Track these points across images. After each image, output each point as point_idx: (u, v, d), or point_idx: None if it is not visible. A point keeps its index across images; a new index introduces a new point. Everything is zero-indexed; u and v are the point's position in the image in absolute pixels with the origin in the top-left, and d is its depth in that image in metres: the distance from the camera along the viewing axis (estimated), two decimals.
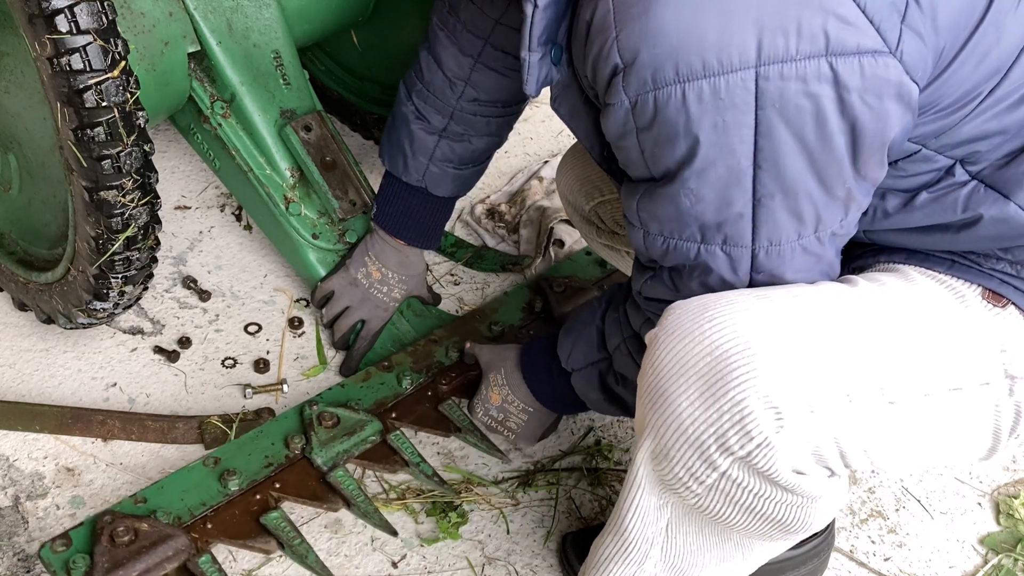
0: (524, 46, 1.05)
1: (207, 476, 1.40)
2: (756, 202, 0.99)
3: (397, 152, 1.60)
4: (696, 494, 1.06)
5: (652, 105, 0.96)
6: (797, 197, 0.98)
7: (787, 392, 0.96)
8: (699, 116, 0.94)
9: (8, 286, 1.67)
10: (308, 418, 1.48)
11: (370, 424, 1.49)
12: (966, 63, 0.96)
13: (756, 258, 1.03)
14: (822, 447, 1.00)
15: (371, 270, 1.70)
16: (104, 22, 1.15)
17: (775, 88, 0.91)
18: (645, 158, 1.03)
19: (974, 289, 1.07)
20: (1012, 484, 1.71)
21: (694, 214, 1.02)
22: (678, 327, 1.02)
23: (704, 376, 0.98)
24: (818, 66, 0.90)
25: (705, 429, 0.99)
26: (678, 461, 1.03)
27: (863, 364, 1.01)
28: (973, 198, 1.03)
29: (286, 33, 1.65)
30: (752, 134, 0.94)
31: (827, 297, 1.06)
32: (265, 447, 1.46)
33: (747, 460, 0.99)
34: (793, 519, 1.07)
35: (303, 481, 1.42)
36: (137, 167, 1.27)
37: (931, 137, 1.01)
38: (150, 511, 1.34)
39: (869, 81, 0.91)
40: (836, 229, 1.04)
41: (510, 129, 1.64)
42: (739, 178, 0.97)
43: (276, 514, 1.37)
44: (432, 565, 1.47)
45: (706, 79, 0.91)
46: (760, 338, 0.98)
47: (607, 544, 1.22)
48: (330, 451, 1.44)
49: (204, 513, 1.36)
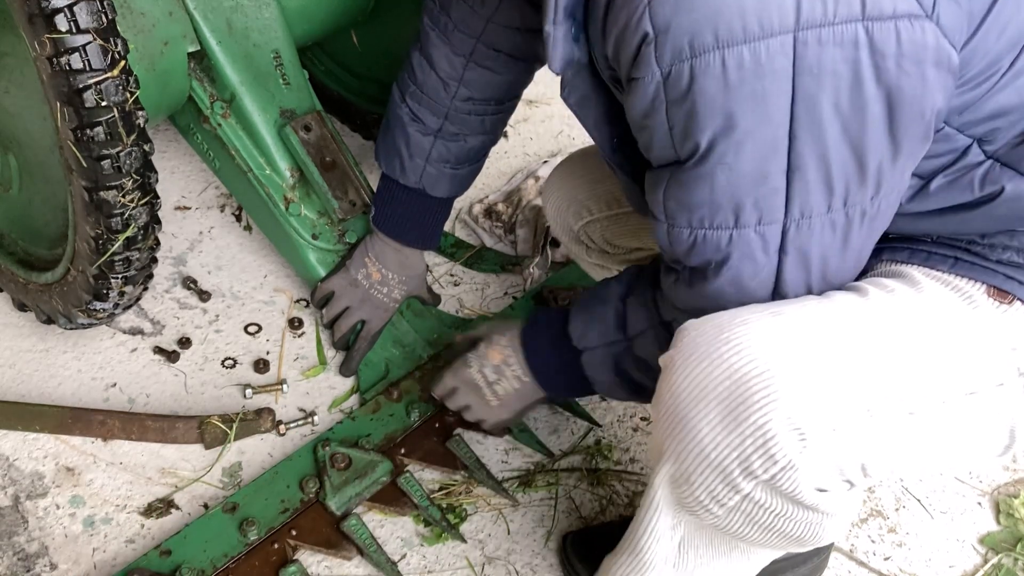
0: (548, 19, 1.02)
1: (227, 525, 1.44)
2: (791, 173, 0.96)
3: (393, 155, 1.59)
4: (716, 515, 1.05)
5: (688, 74, 0.92)
6: (830, 167, 0.96)
7: (809, 412, 0.95)
8: (739, 84, 0.91)
9: (8, 286, 1.67)
10: (322, 460, 1.52)
11: (380, 465, 1.53)
12: (990, 32, 0.94)
13: (787, 234, 1.00)
14: (845, 463, 1.00)
15: (371, 271, 1.70)
16: (104, 21, 1.15)
17: (813, 54, 0.89)
18: (673, 136, 0.99)
19: (979, 288, 1.07)
20: (1012, 484, 1.71)
21: (730, 191, 0.98)
22: (695, 350, 1.00)
23: (724, 400, 0.97)
24: (855, 31, 0.88)
25: (728, 454, 0.98)
26: (700, 485, 1.02)
27: (881, 377, 1.00)
28: (989, 176, 1.02)
29: (286, 33, 1.65)
30: (789, 102, 0.92)
31: (840, 311, 1.04)
32: (281, 490, 1.49)
33: (771, 483, 0.98)
34: (809, 534, 1.06)
35: (318, 528, 1.46)
36: (137, 167, 1.27)
37: (955, 114, 1.00)
38: (175, 566, 1.38)
39: (906, 46, 0.89)
40: (867, 207, 1.00)
41: (504, 126, 1.64)
42: (776, 148, 0.95)
43: (294, 568, 1.40)
44: (432, 565, 1.47)
45: (746, 44, 0.89)
46: (778, 359, 0.97)
47: (621, 564, 1.22)
48: (343, 496, 1.48)
49: (226, 565, 1.39)
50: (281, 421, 1.61)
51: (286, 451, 1.58)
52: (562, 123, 2.45)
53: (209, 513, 1.45)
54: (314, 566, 1.44)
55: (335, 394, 1.69)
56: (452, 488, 1.56)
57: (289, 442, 1.60)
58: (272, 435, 1.61)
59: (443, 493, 1.55)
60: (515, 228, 2.07)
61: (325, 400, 1.68)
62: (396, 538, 1.49)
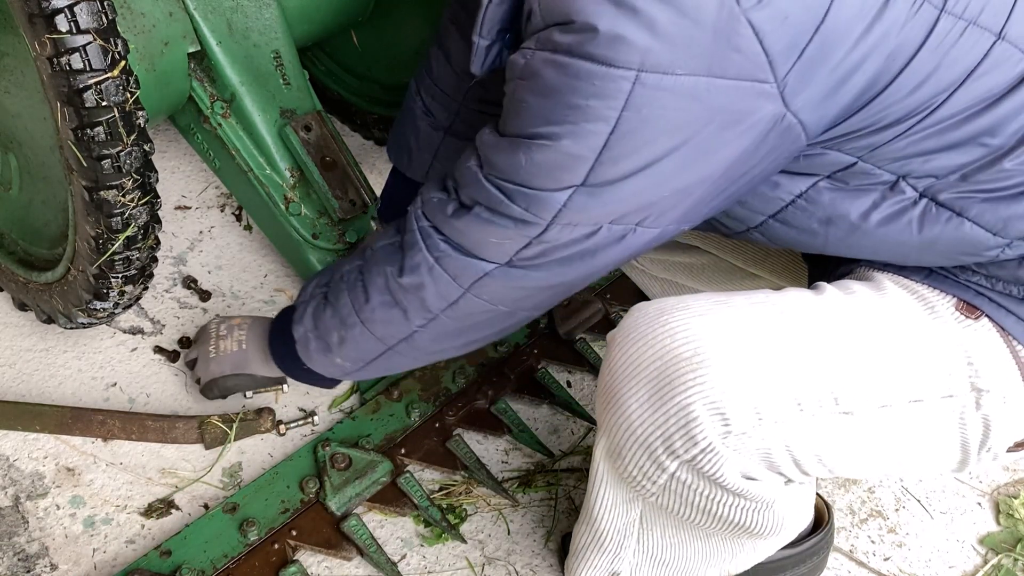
0: (476, 31, 1.07)
1: (227, 525, 1.44)
2: (580, 187, 0.99)
3: (403, 148, 1.60)
4: (652, 492, 1.09)
5: (541, 61, 0.96)
6: (619, 193, 0.99)
7: (735, 398, 0.98)
8: (569, 91, 0.94)
9: (8, 286, 1.67)
10: (322, 460, 1.52)
11: (381, 465, 1.53)
12: (899, 90, 0.96)
13: (547, 231, 1.04)
14: (773, 453, 1.02)
15: None
16: (104, 22, 1.15)
17: (648, 95, 0.91)
18: (508, 111, 1.03)
19: (948, 300, 1.08)
20: (1012, 484, 1.71)
21: (521, 174, 1.02)
22: (634, 330, 1.05)
23: (654, 379, 1.01)
24: (694, 84, 0.91)
25: (653, 432, 1.02)
26: (630, 460, 1.07)
27: (816, 373, 1.02)
28: (927, 218, 1.04)
29: (286, 33, 1.65)
30: (608, 130, 0.94)
31: (789, 304, 1.07)
32: (281, 491, 1.49)
33: (693, 464, 1.02)
34: (752, 522, 1.08)
35: (318, 528, 1.46)
36: (137, 167, 1.27)
37: (866, 151, 1.02)
38: (175, 566, 1.38)
39: (736, 105, 0.92)
40: (628, 231, 1.04)
41: None
42: (576, 163, 0.98)
43: (294, 568, 1.40)
44: (432, 565, 1.47)
45: (591, 62, 0.91)
46: (712, 343, 1.00)
47: (581, 534, 1.27)
48: (343, 496, 1.48)
49: (226, 566, 1.39)
50: (281, 421, 1.61)
51: (286, 451, 1.58)
52: None
53: (209, 513, 1.45)
54: (314, 566, 1.44)
55: (335, 394, 1.69)
56: (452, 488, 1.56)
57: (289, 442, 1.60)
58: (272, 435, 1.61)
59: (443, 493, 1.55)
60: None
61: (325, 400, 1.68)
62: (396, 538, 1.49)
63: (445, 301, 1.16)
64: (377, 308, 1.22)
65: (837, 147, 1.02)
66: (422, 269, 1.16)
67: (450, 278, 1.14)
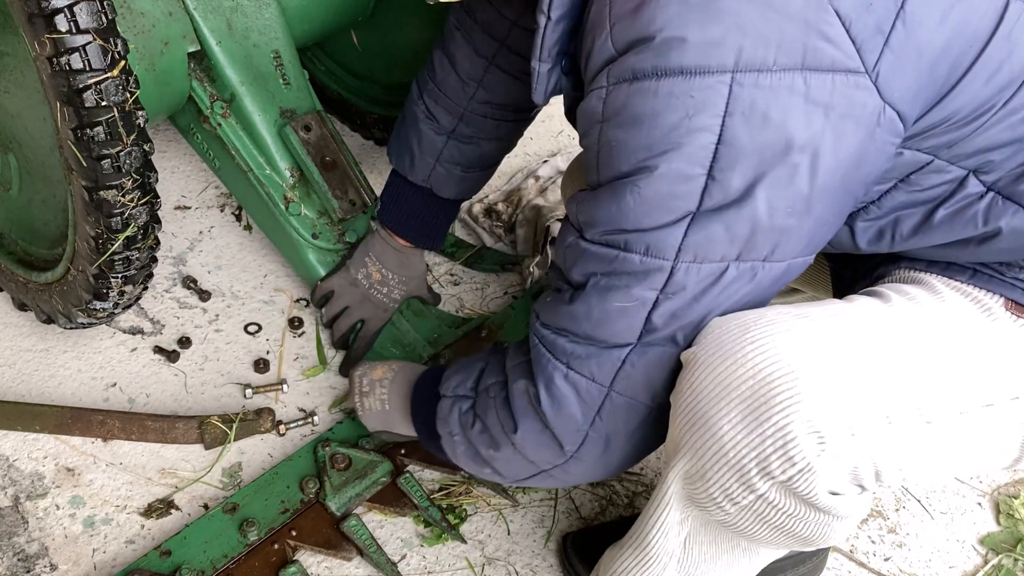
0: (535, 55, 1.05)
1: (227, 525, 1.44)
2: (697, 213, 0.96)
3: (404, 150, 1.59)
4: (727, 513, 1.05)
5: (624, 94, 0.94)
6: (740, 214, 0.95)
7: (830, 416, 0.95)
8: (666, 111, 0.92)
9: (8, 286, 1.67)
10: (321, 460, 1.52)
11: (380, 465, 1.53)
12: (976, 79, 0.95)
13: (673, 275, 0.99)
14: (860, 468, 1.00)
15: (371, 271, 1.70)
16: (104, 21, 1.15)
17: (747, 96, 0.90)
18: (600, 157, 1.00)
19: (997, 300, 1.07)
20: (1012, 484, 1.71)
21: (632, 216, 0.97)
22: (719, 348, 1.00)
23: (747, 399, 0.97)
24: (792, 79, 0.89)
25: (747, 454, 0.98)
26: (715, 483, 1.02)
27: (902, 385, 1.00)
28: (992, 211, 1.03)
29: (286, 33, 1.65)
30: (715, 140, 0.92)
31: (864, 316, 1.05)
32: (281, 491, 1.49)
33: (787, 484, 0.98)
34: (819, 535, 1.06)
35: (318, 528, 1.46)
36: (137, 167, 1.27)
37: (943, 148, 1.01)
38: (175, 566, 1.38)
39: (837, 99, 0.90)
40: (758, 268, 1.00)
41: (520, 135, 1.64)
42: (688, 184, 0.94)
43: (294, 569, 1.40)
44: (432, 565, 1.47)
45: (682, 76, 0.90)
46: (802, 361, 0.96)
47: (627, 557, 1.22)
48: (343, 496, 1.48)
49: (226, 566, 1.39)
50: (281, 421, 1.61)
51: (286, 451, 1.58)
52: (562, 123, 2.45)
53: (209, 514, 1.45)
54: (314, 567, 1.44)
55: (335, 394, 1.69)
56: (452, 488, 1.56)
57: (289, 442, 1.60)
58: (272, 435, 1.61)
59: (443, 493, 1.55)
60: (515, 227, 2.07)
61: (325, 400, 1.68)
62: (396, 539, 1.49)
63: (590, 409, 1.10)
64: (527, 434, 1.16)
65: (915, 146, 1.00)
66: (556, 381, 1.10)
67: (588, 380, 1.08)
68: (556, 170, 2.21)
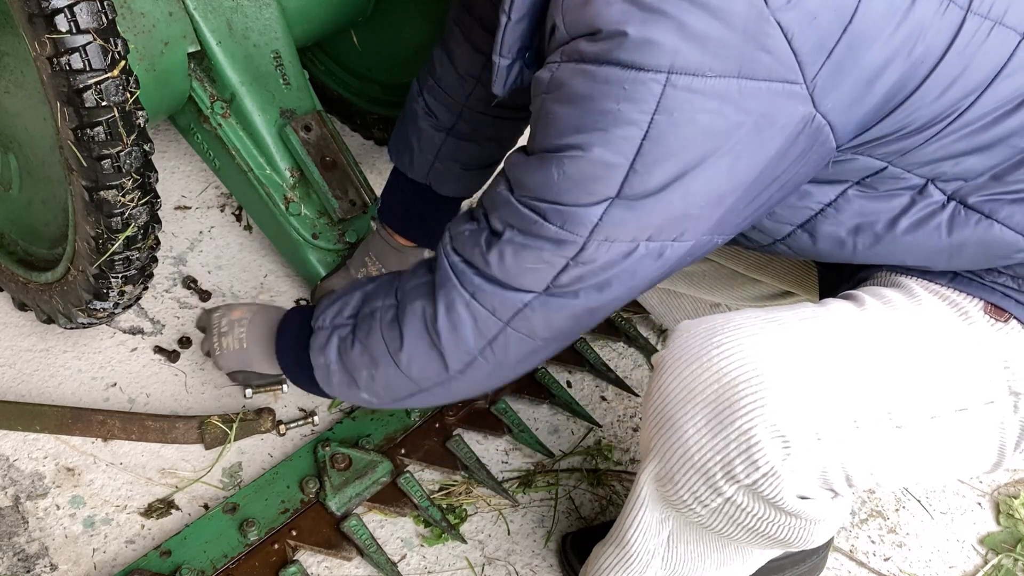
0: (496, 51, 1.06)
1: (227, 525, 1.44)
2: (615, 199, 0.98)
3: (404, 147, 1.60)
4: (700, 515, 1.06)
5: (568, 72, 0.95)
6: (655, 205, 0.97)
7: (795, 420, 0.96)
8: (600, 97, 0.93)
9: (8, 286, 1.67)
10: (321, 460, 1.52)
11: (380, 465, 1.53)
12: (928, 93, 0.95)
13: (584, 249, 1.01)
14: (828, 472, 1.00)
15: (371, 270, 1.70)
16: (104, 21, 1.15)
17: (679, 97, 0.91)
18: (536, 127, 1.01)
19: (976, 304, 1.07)
20: (1012, 484, 1.71)
21: (554, 190, 1.00)
22: (686, 351, 1.02)
23: (712, 404, 0.98)
24: (726, 86, 0.90)
25: (711, 457, 0.99)
26: (683, 485, 1.04)
27: (871, 389, 1.01)
28: (956, 221, 1.04)
29: (286, 33, 1.65)
30: (641, 135, 0.93)
31: (835, 320, 1.05)
32: (281, 491, 1.49)
33: (753, 488, 0.99)
34: (795, 538, 1.07)
35: (318, 528, 1.46)
36: (137, 167, 1.27)
37: (896, 155, 1.02)
38: (175, 566, 1.38)
39: (766, 107, 0.91)
40: (666, 245, 1.02)
41: (520, 134, 1.64)
42: (609, 172, 0.96)
43: (294, 569, 1.41)
44: (432, 565, 1.47)
45: (620, 67, 0.91)
46: (768, 365, 0.97)
47: (609, 555, 1.23)
48: (343, 496, 1.48)
49: (226, 566, 1.39)
50: (281, 421, 1.61)
51: (286, 451, 1.58)
52: None
53: (209, 514, 1.45)
54: (314, 567, 1.44)
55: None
56: (452, 488, 1.56)
57: (289, 442, 1.60)
58: (272, 435, 1.61)
59: (443, 493, 1.55)
60: None
61: (325, 400, 1.68)
62: (396, 538, 1.49)
63: (484, 339, 1.12)
64: (414, 352, 1.17)
65: (868, 152, 1.01)
66: (458, 306, 1.12)
67: (488, 312, 1.10)
68: None
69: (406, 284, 1.21)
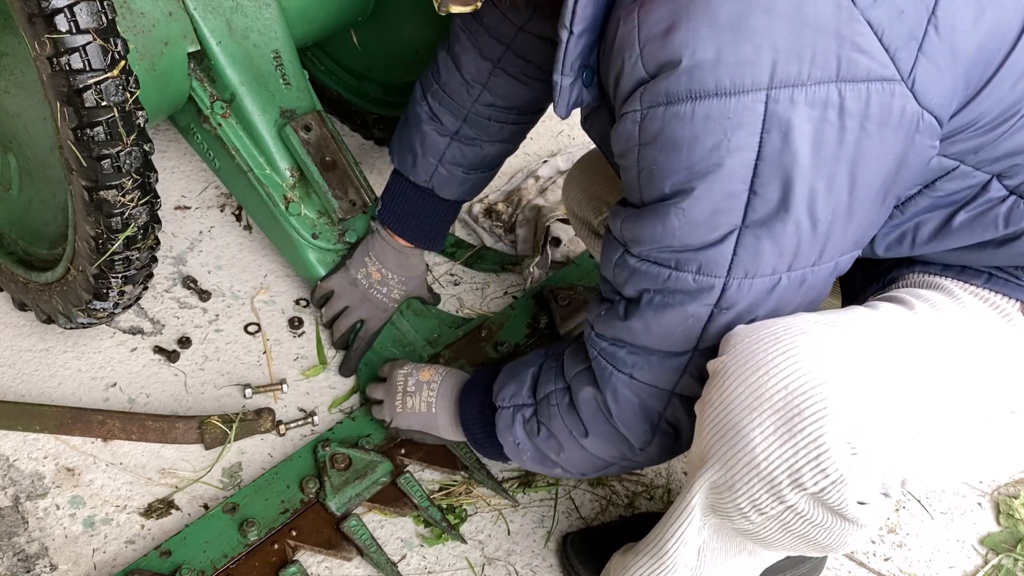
0: (557, 70, 1.05)
1: (227, 525, 1.44)
2: (743, 228, 0.97)
3: (407, 151, 1.60)
4: (752, 522, 1.04)
5: (660, 118, 0.95)
6: (785, 227, 0.96)
7: (861, 427, 0.95)
8: (705, 134, 0.92)
9: (8, 286, 1.67)
10: (321, 460, 1.52)
11: (380, 465, 1.53)
12: (1003, 83, 0.95)
13: (726, 291, 1.01)
14: (888, 477, 0.99)
15: (371, 271, 1.70)
16: (104, 21, 1.15)
17: (783, 111, 0.90)
18: (641, 179, 1.01)
19: (1014, 304, 1.07)
20: (1012, 484, 1.71)
21: (679, 235, 0.99)
22: (750, 357, 0.99)
23: (780, 411, 0.96)
24: (827, 92, 0.89)
25: (779, 465, 0.97)
26: (743, 494, 1.01)
27: (930, 394, 1.00)
28: (1013, 213, 1.03)
29: (286, 33, 1.65)
30: (754, 157, 0.92)
31: (891, 324, 1.05)
32: (281, 491, 1.50)
33: (818, 496, 0.98)
34: (840, 543, 1.06)
35: (318, 528, 1.46)
36: (137, 167, 1.27)
37: (970, 153, 1.01)
38: (175, 566, 1.38)
39: (873, 108, 0.90)
40: (808, 273, 1.01)
41: (523, 137, 1.64)
42: (731, 201, 0.95)
43: (294, 569, 1.40)
44: (432, 565, 1.47)
45: (717, 97, 0.91)
46: (833, 371, 0.96)
47: (642, 564, 1.21)
48: (343, 496, 1.48)
49: (226, 566, 1.39)
50: (281, 421, 1.61)
51: (286, 451, 1.58)
52: (562, 123, 2.45)
53: (209, 514, 1.45)
54: (314, 567, 1.44)
55: (335, 394, 1.69)
56: (452, 489, 1.56)
57: (289, 442, 1.60)
58: (272, 435, 1.61)
59: (443, 494, 1.55)
60: (515, 227, 2.07)
61: (325, 400, 1.68)
62: (396, 539, 1.49)
63: (657, 412, 1.12)
64: (597, 436, 1.20)
65: (942, 152, 1.00)
66: (621, 389, 1.12)
67: (651, 387, 1.10)
68: (556, 170, 2.21)
69: (570, 372, 1.23)
